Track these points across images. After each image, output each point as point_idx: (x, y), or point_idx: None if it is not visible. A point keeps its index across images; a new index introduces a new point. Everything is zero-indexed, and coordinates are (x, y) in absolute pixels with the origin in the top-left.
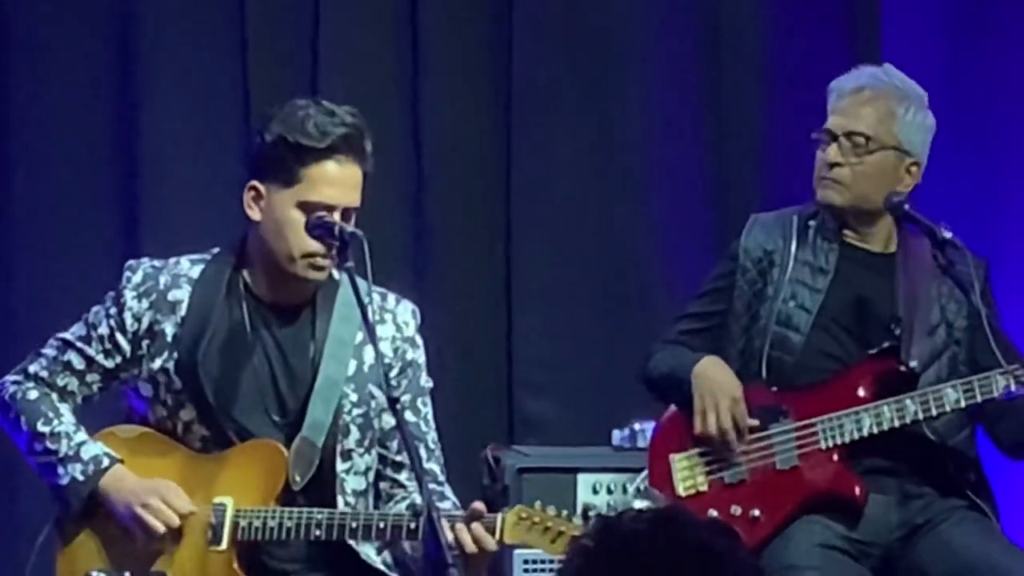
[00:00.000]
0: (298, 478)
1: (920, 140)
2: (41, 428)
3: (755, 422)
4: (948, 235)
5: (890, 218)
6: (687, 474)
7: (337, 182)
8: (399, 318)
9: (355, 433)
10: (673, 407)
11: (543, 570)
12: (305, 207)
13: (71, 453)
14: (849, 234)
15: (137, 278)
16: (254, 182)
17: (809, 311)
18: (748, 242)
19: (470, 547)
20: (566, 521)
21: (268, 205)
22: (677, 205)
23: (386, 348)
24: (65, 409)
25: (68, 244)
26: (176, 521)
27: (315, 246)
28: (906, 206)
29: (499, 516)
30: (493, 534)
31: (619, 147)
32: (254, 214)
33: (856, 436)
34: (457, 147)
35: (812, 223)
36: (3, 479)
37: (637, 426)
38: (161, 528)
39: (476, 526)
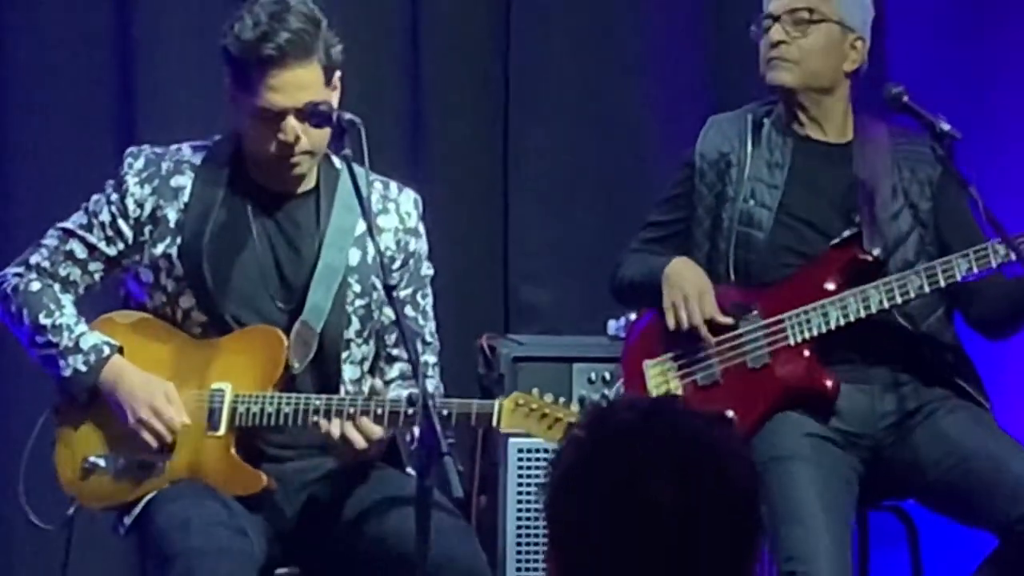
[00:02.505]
0: (296, 363)
1: (861, 18)
2: (43, 320)
3: (727, 319)
4: (947, 127)
5: (843, 104)
6: (660, 380)
7: (279, 88)
8: (402, 208)
9: (356, 324)
10: (635, 313)
11: (538, 460)
12: (256, 112)
13: (71, 344)
14: (803, 124)
15: (139, 164)
16: (227, 84)
17: (769, 208)
18: (703, 146)
19: (360, 443)
20: (563, 408)
21: (235, 108)
22: (676, 93)
23: (388, 239)
24: (67, 300)
25: (66, 131)
26: (169, 438)
27: (273, 148)
28: (905, 98)
29: (496, 403)
30: (490, 420)
31: (619, 33)
32: (233, 114)
33: (824, 329)
34: (455, 28)
35: (766, 119)
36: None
37: (632, 315)
38: (153, 443)
39: (363, 420)
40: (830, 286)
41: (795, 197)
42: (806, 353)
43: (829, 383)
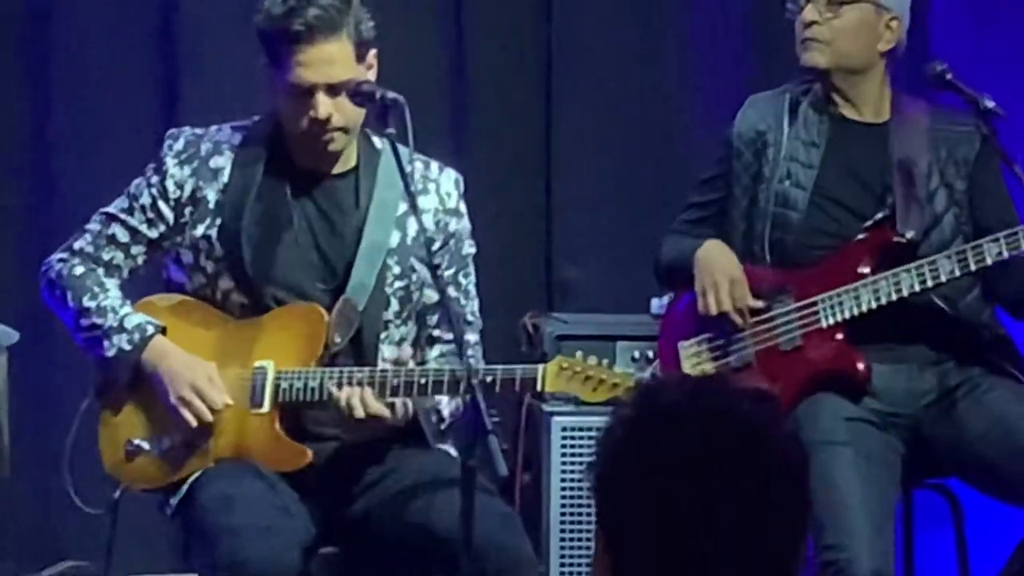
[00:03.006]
0: (338, 339)
1: None
2: (87, 303)
3: (758, 303)
4: (991, 104)
5: (879, 84)
6: (695, 360)
7: (307, 63)
8: (442, 188)
9: (394, 305)
10: (673, 294)
11: (581, 437)
12: (287, 89)
13: (115, 324)
14: (839, 104)
15: (179, 145)
16: (264, 62)
17: (805, 188)
18: (741, 126)
19: (358, 411)
20: (606, 370)
21: (271, 86)
22: (720, 71)
23: (428, 220)
24: (111, 284)
25: (109, 119)
26: (208, 417)
27: (305, 124)
28: (949, 75)
29: (540, 367)
30: (534, 385)
31: (663, 9)
32: (270, 93)
33: (856, 312)
34: (497, 5)
35: (804, 98)
36: (40, 350)
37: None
38: (193, 422)
39: (365, 391)
40: (864, 269)
41: (830, 177)
42: (838, 336)
43: (860, 366)
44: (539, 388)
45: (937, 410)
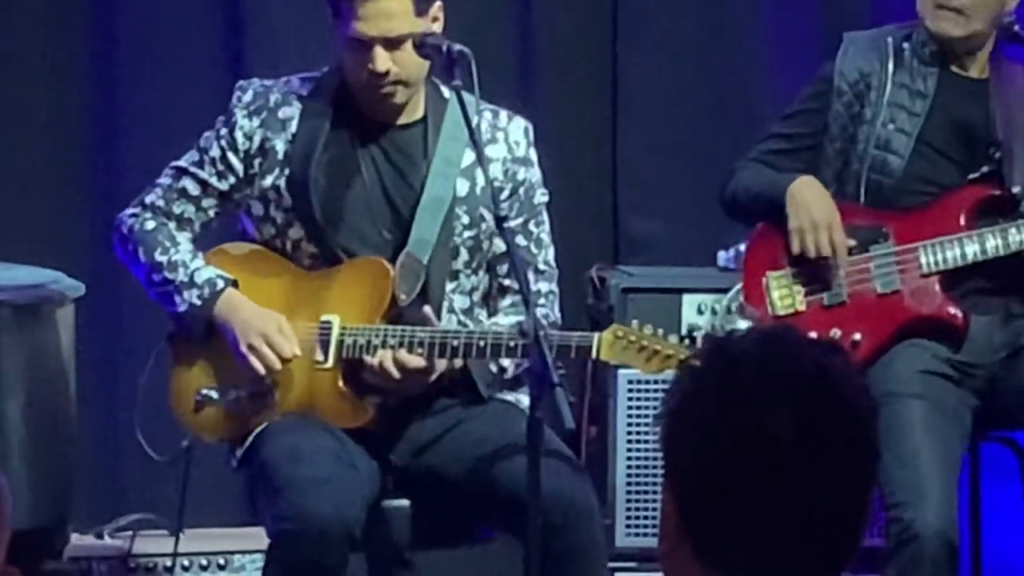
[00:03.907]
0: (404, 295)
1: None
2: (159, 258)
3: (852, 242)
4: None
5: (991, 42)
6: (784, 292)
7: (365, 17)
8: (511, 137)
9: (464, 255)
10: (761, 225)
11: (648, 391)
12: (347, 42)
13: (186, 279)
14: (949, 58)
15: (247, 97)
16: (329, 14)
17: (908, 134)
18: (843, 64)
19: (394, 373)
20: (662, 340)
21: (335, 37)
22: (786, 23)
23: (497, 169)
24: (183, 238)
25: (175, 71)
26: (277, 365)
27: (364, 78)
28: (1015, 27)
29: (595, 335)
30: (588, 353)
31: None
32: (335, 45)
33: (960, 263)
34: None
35: (907, 44)
36: (106, 304)
37: (742, 247)
38: (262, 371)
39: (400, 352)
40: (963, 220)
41: (935, 128)
42: (936, 283)
43: (960, 316)
44: (594, 356)
45: (1010, 364)
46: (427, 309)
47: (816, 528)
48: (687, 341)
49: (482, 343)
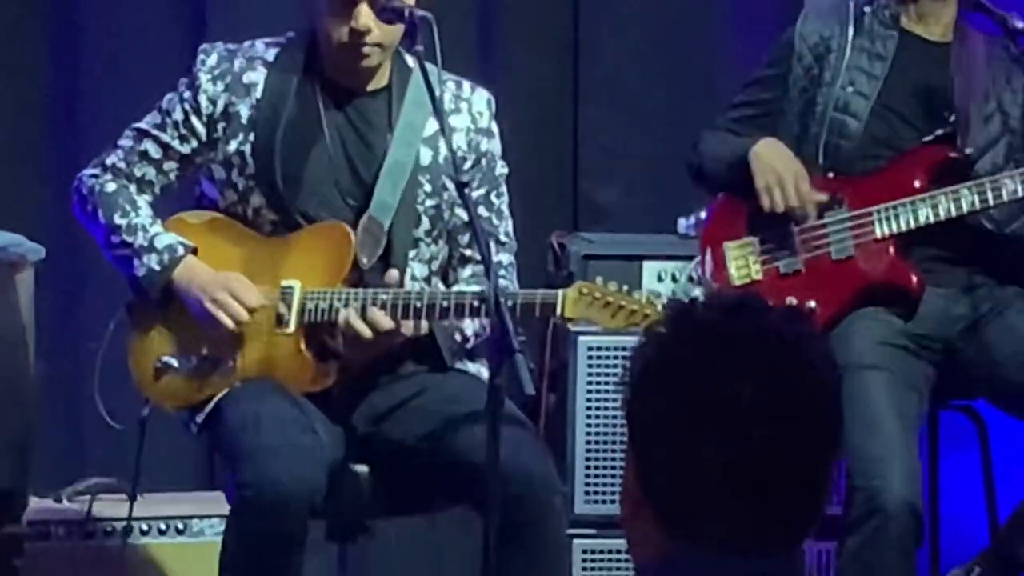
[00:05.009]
0: (365, 259)
1: None
2: (118, 220)
3: (823, 196)
4: (1021, 24)
5: (953, 5)
6: (741, 263)
7: None
8: (474, 108)
9: (425, 223)
10: (721, 196)
11: (607, 357)
12: (329, 1)
13: (145, 244)
14: (908, 21)
15: (212, 60)
16: None
17: (867, 97)
18: (804, 28)
19: (366, 333)
20: (627, 296)
21: (310, 1)
22: None
23: (460, 139)
24: (143, 201)
25: (138, 32)
26: (244, 315)
27: (345, 37)
28: None
29: (560, 292)
30: (554, 311)
31: None
32: (308, 7)
33: (912, 225)
34: None
35: (868, 8)
36: (67, 267)
37: (703, 214)
38: (229, 322)
39: (372, 311)
40: (918, 183)
41: (893, 91)
42: (891, 248)
43: (914, 279)
44: (559, 313)
45: (968, 335)
46: (393, 272)
47: (779, 495)
48: (652, 297)
49: (445, 303)
